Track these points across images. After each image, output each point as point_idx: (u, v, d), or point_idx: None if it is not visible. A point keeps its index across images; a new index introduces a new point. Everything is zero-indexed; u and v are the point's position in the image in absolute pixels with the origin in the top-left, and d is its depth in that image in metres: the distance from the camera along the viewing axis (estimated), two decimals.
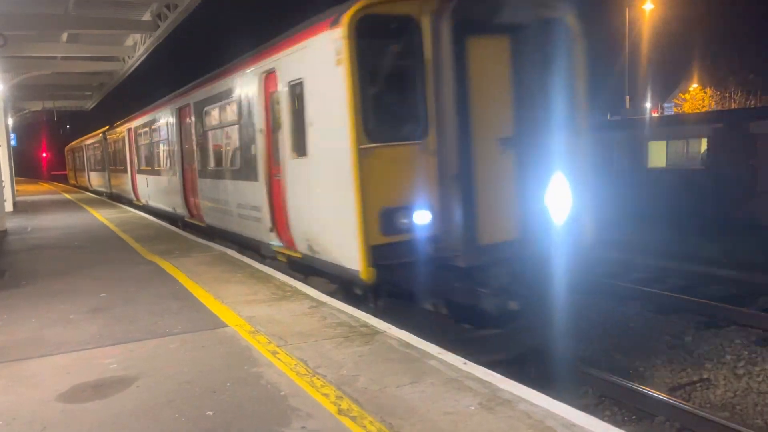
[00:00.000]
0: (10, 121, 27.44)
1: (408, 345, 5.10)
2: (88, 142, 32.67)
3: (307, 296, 7.08)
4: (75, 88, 29.96)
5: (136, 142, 19.24)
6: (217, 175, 11.41)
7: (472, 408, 3.80)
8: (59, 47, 19.63)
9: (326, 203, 6.86)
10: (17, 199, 24.50)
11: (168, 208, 15.88)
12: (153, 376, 4.62)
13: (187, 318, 6.28)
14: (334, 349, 5.05)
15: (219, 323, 6.03)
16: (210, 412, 3.89)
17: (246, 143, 9.49)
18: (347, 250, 6.32)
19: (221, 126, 11.08)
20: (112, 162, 25.09)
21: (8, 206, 18.78)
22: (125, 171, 21.71)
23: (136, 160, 19.75)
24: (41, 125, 69.40)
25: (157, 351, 5.23)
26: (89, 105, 35.67)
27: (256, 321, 6.04)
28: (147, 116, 17.25)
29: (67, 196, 32.16)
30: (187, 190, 13.60)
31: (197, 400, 4.11)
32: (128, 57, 21.19)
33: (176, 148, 13.94)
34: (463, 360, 4.66)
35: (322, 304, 6.67)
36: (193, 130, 12.74)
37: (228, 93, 10.25)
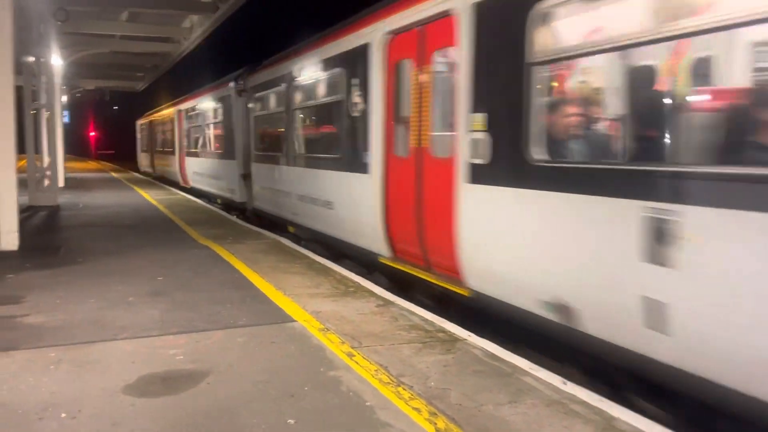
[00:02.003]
0: (64, 99, 27.86)
1: (494, 357, 4.66)
2: (186, 107, 20.34)
3: (371, 293, 6.71)
4: (128, 69, 30.24)
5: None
6: None
7: None
8: (118, 26, 19.68)
9: None
10: (67, 175, 24.82)
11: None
12: (224, 372, 4.28)
13: (251, 309, 5.96)
14: (414, 356, 4.65)
15: (285, 317, 5.68)
16: (291, 420, 3.53)
17: None
18: None
19: None
20: (268, 141, 12.47)
21: (59, 182, 18.95)
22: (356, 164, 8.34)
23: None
24: (90, 104, 70.87)
25: (224, 344, 4.91)
26: (140, 86, 36.04)
27: (324, 317, 5.68)
28: None
29: (115, 174, 32.61)
30: None
31: (275, 404, 3.75)
32: (184, 39, 21.15)
33: None
34: (561, 379, 4.20)
35: (390, 303, 6.28)
36: None
37: None
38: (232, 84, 14.18)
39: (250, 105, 13.25)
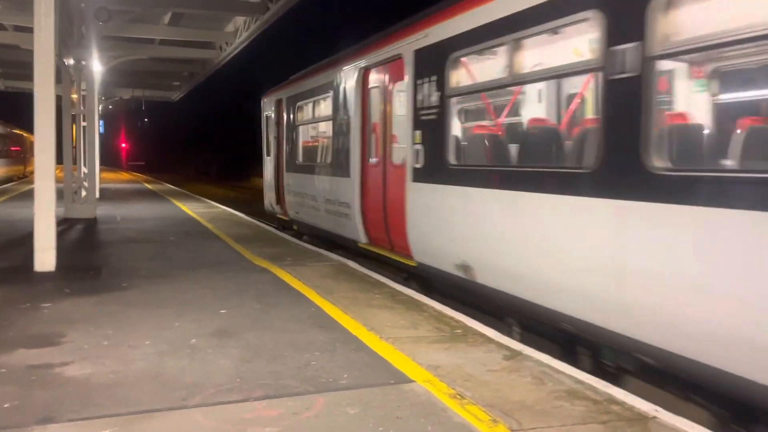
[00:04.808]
0: (99, 107, 27.12)
1: None
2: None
3: (485, 337, 5.39)
4: (165, 77, 29.47)
5: None
6: None
7: None
8: (159, 29, 18.81)
9: None
10: (101, 186, 24.01)
11: None
12: None
13: (348, 360, 4.68)
14: None
15: (397, 374, 4.39)
16: None
17: None
18: None
19: None
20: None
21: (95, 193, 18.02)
22: None
23: None
24: (120, 114, 71.03)
25: (333, 418, 3.63)
26: (176, 96, 35.36)
27: (447, 375, 4.38)
28: None
29: (149, 186, 31.89)
30: None
31: None
32: (226, 44, 20.21)
33: None
34: None
35: (518, 353, 4.95)
36: None
37: None
38: None
39: None
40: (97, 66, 16.73)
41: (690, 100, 5.63)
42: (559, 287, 5.06)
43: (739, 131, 4.45)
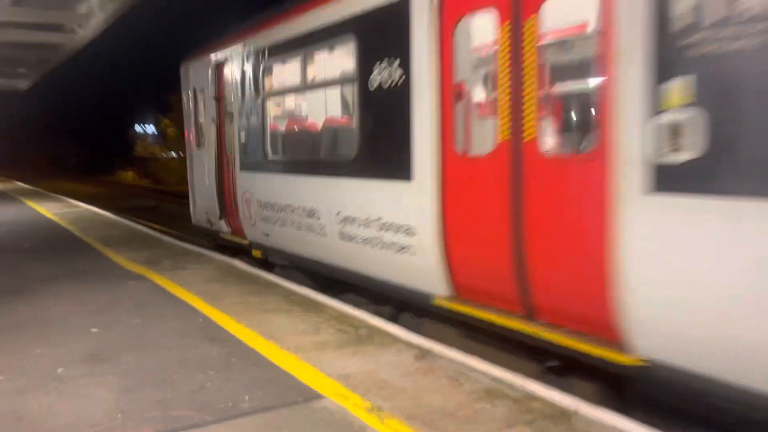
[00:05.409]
0: None
1: None
2: None
3: (392, 337, 5.12)
4: (9, 63, 26.38)
5: None
6: None
7: None
8: None
9: None
10: None
11: None
12: None
13: (247, 377, 4.21)
14: None
15: (305, 390, 3.99)
16: None
17: None
18: None
19: None
20: None
21: None
22: None
23: None
24: None
25: None
26: (24, 85, 31.87)
27: (360, 385, 4.04)
28: None
29: None
30: None
31: None
32: (79, 27, 18.36)
33: None
34: None
35: (429, 352, 4.72)
36: None
37: None
38: None
39: None
40: None
41: None
42: None
43: None
